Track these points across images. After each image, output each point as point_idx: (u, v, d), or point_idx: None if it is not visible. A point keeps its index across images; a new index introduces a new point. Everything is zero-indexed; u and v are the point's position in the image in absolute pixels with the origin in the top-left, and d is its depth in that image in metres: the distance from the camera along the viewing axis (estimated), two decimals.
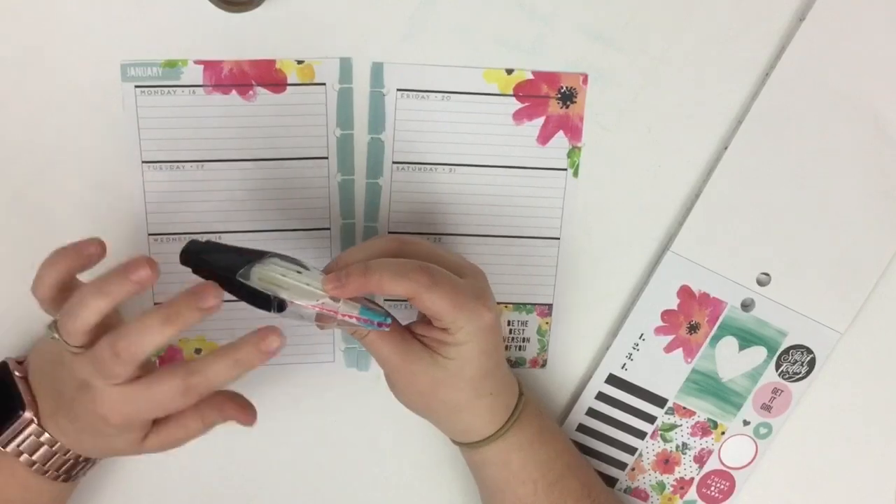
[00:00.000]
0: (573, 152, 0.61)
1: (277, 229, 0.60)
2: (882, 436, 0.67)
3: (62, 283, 0.50)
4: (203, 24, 0.57)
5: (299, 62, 0.58)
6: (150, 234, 0.59)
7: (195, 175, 0.59)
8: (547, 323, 0.64)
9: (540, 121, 0.60)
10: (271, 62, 0.58)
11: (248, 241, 0.60)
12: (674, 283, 0.62)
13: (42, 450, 0.53)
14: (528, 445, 0.57)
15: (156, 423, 0.52)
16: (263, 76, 0.58)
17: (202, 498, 0.64)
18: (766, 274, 0.63)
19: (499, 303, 0.63)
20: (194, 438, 0.53)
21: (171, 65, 0.57)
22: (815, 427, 0.66)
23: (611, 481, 0.66)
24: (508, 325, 0.64)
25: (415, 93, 0.59)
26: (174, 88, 0.57)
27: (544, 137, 0.61)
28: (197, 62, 0.57)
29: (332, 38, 0.58)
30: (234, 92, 0.58)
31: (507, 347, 0.64)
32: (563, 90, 0.60)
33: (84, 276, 0.50)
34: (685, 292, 0.63)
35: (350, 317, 0.50)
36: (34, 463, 0.53)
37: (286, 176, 0.60)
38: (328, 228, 0.61)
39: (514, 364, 0.64)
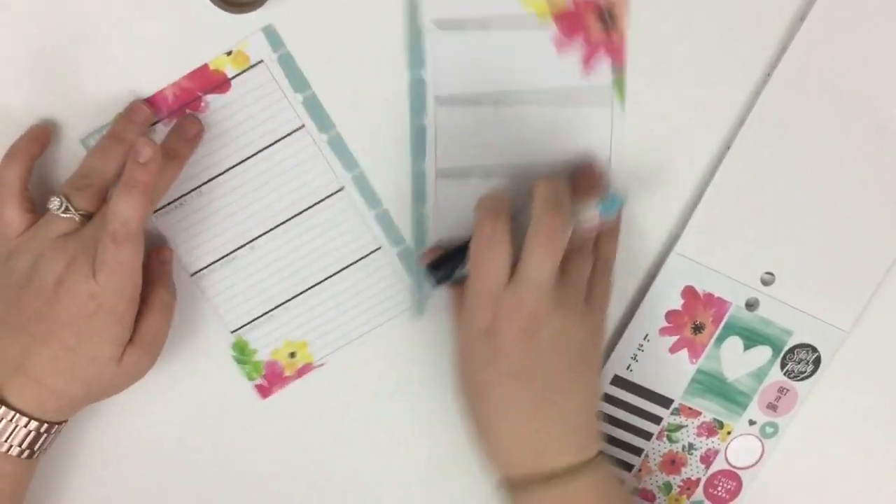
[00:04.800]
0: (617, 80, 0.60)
1: (284, 220, 0.60)
2: (889, 434, 0.67)
3: (28, 173, 0.54)
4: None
5: (228, 53, 0.57)
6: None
7: (199, 202, 0.59)
8: None
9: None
10: (204, 67, 0.57)
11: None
12: (678, 283, 0.62)
13: (0, 424, 0.51)
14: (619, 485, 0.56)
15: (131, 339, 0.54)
16: (204, 84, 0.57)
17: (202, 498, 0.64)
18: (771, 273, 0.63)
19: None
20: (169, 315, 0.56)
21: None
22: (822, 426, 0.66)
23: None
24: None
25: (454, 21, 0.57)
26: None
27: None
28: (143, 101, 0.56)
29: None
30: (187, 112, 0.57)
31: None
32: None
33: None
34: (689, 293, 0.63)
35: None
36: None
37: (277, 160, 0.59)
38: (343, 188, 0.60)
39: None
